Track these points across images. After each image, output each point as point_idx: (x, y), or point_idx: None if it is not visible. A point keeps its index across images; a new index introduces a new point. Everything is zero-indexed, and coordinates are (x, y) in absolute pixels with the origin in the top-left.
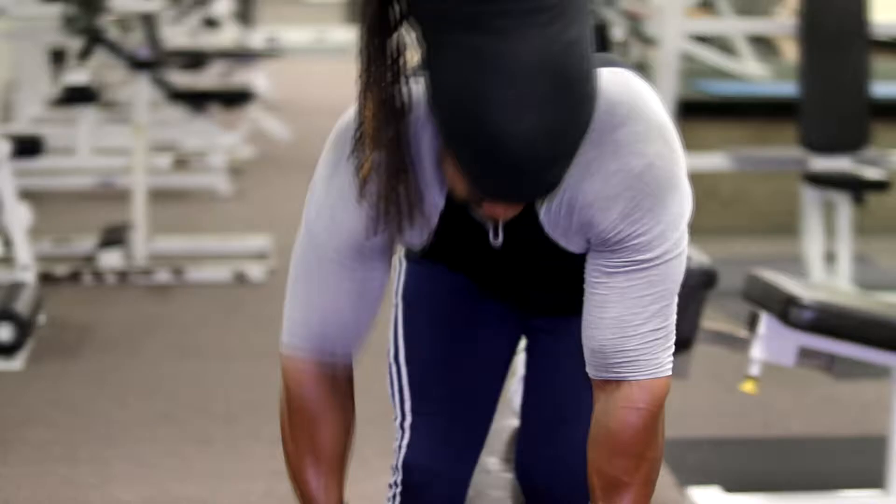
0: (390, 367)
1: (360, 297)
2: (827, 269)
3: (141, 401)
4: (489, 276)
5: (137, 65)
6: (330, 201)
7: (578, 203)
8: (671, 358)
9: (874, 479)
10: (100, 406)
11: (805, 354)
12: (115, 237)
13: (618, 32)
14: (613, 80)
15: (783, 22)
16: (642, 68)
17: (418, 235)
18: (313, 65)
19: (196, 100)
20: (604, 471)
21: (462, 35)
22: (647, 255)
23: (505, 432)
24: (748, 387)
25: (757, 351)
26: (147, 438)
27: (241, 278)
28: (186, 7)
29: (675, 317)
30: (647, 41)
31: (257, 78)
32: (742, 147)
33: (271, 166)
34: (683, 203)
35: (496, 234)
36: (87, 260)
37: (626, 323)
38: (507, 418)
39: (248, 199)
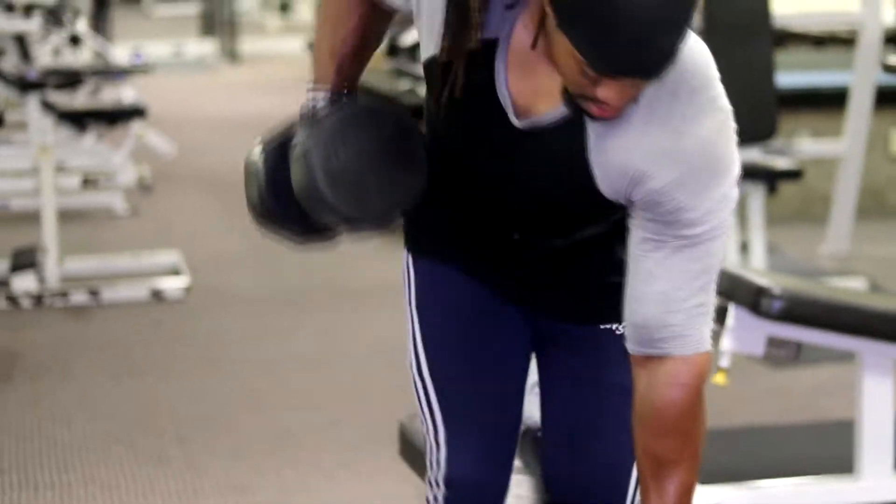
0: (415, 380)
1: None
2: (741, 259)
3: (86, 422)
4: (498, 190)
5: (26, 86)
6: None
7: (641, 147)
8: (711, 333)
9: (835, 465)
10: (45, 430)
11: (773, 344)
12: (25, 260)
13: None
14: (697, 45)
15: None
16: None
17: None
18: (173, 79)
19: (80, 119)
20: (652, 450)
21: None
22: (696, 230)
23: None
24: (719, 378)
25: (727, 342)
26: (102, 460)
27: (158, 296)
28: (50, 25)
29: (715, 292)
30: None
31: (125, 94)
32: None
33: (161, 181)
34: (734, 184)
35: (518, 115)
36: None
37: (672, 297)
38: None
39: (145, 216)
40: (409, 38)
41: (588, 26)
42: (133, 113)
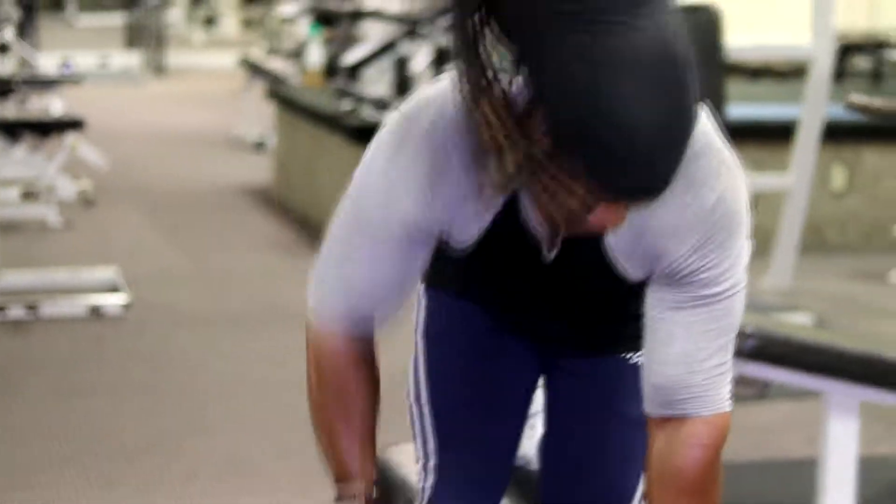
0: (412, 408)
1: (400, 275)
2: None
3: (38, 442)
4: (524, 298)
5: None
6: (389, 180)
7: (651, 230)
8: (730, 392)
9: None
10: None
11: (741, 382)
12: None
13: None
14: None
15: None
16: None
17: (470, 233)
18: (100, 90)
19: (13, 129)
20: None
21: (570, 35)
22: (715, 290)
23: None
24: None
25: None
26: (54, 482)
27: (96, 312)
28: None
29: (733, 352)
30: None
31: (54, 105)
32: None
33: (94, 195)
34: (747, 238)
35: (551, 248)
36: None
37: (692, 358)
38: None
39: (79, 230)
40: (350, 57)
41: (595, 151)
42: (69, 125)
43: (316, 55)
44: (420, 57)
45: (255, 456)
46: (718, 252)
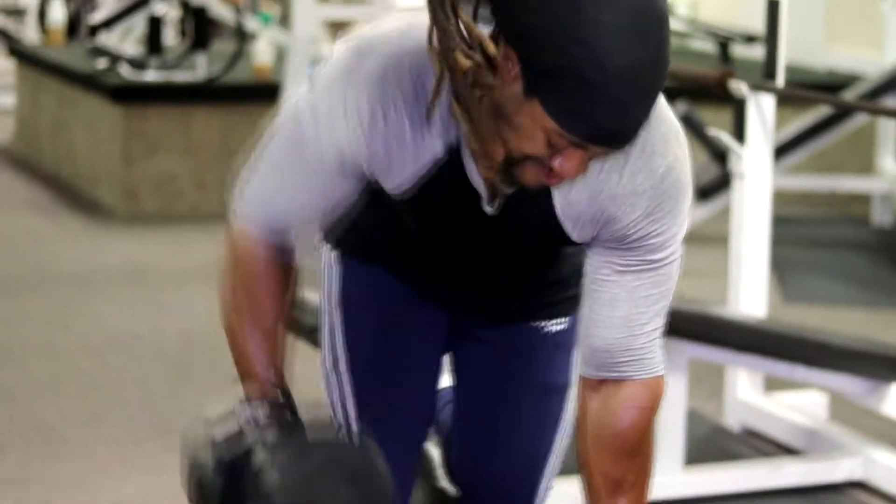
0: (328, 377)
1: (322, 203)
2: None
3: None
4: (452, 254)
5: None
6: (332, 108)
7: (603, 194)
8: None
9: None
10: None
11: None
12: None
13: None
14: None
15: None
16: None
17: (404, 177)
18: None
19: None
20: (609, 472)
21: None
22: (659, 255)
23: None
24: None
25: None
26: None
27: None
28: None
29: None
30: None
31: None
32: None
33: None
34: (689, 207)
35: (492, 201)
36: None
37: (634, 321)
38: None
39: None
40: (98, 15)
41: (573, 85)
42: None
43: (58, 13)
44: (169, 14)
45: (59, 423)
46: (668, 219)
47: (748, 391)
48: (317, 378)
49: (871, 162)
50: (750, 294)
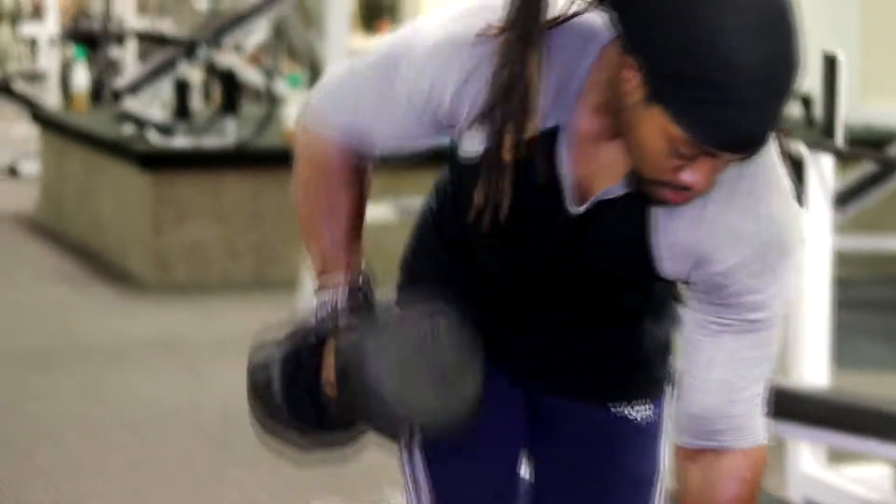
0: (402, 451)
1: (404, 132)
2: None
3: None
4: (526, 275)
5: None
6: (428, 53)
7: (704, 225)
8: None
9: None
10: None
11: None
12: None
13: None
14: None
15: None
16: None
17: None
18: None
19: None
20: None
21: None
22: (759, 315)
23: None
24: None
25: None
26: None
27: None
28: None
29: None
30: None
31: None
32: (403, 197)
33: None
34: (795, 268)
35: (578, 202)
36: None
37: (733, 386)
38: None
39: None
40: (123, 80)
41: (700, 89)
42: None
43: (82, 78)
44: (194, 77)
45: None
46: (769, 275)
47: (811, 464)
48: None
49: None
50: (811, 363)
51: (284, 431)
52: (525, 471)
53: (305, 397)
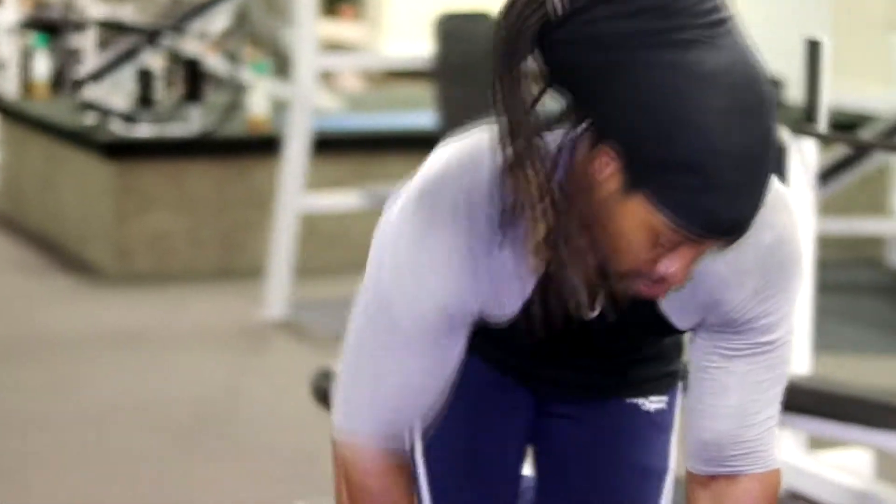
0: None
1: (438, 371)
2: None
3: None
4: (548, 352)
5: None
6: (419, 265)
7: (709, 278)
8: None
9: None
10: None
11: None
12: None
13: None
14: None
15: (417, 57)
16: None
17: (514, 305)
18: None
19: None
20: None
21: (651, 53)
22: (772, 337)
23: None
24: None
25: None
26: None
27: None
28: None
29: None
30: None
31: None
32: (371, 184)
33: None
34: (801, 280)
35: (593, 307)
36: None
37: (746, 410)
38: None
39: None
40: (84, 68)
41: (685, 178)
42: None
43: (42, 67)
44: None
45: (62, 502)
46: (780, 296)
47: (792, 451)
48: None
49: (880, 203)
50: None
51: None
52: (529, 467)
53: None
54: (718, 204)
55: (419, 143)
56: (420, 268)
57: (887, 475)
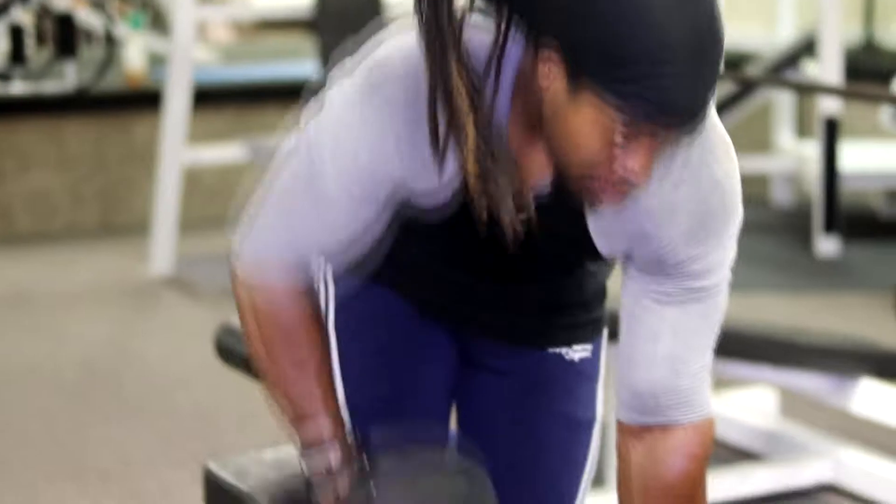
0: None
1: (353, 229)
2: None
3: None
4: (467, 263)
5: None
6: (351, 130)
7: (641, 209)
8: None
9: None
10: None
11: None
12: None
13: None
14: None
15: (294, 6)
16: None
17: (445, 192)
18: None
19: None
20: None
21: None
22: (703, 283)
23: None
24: None
25: None
26: None
27: None
28: None
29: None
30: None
31: None
32: (253, 136)
33: None
34: (738, 227)
35: (521, 211)
36: None
37: (680, 359)
38: None
39: None
40: None
41: (631, 70)
42: None
43: None
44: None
45: None
46: (713, 240)
47: None
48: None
49: (765, 142)
50: None
51: None
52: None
53: None
54: (669, 89)
55: (297, 93)
56: (350, 132)
57: (792, 412)
